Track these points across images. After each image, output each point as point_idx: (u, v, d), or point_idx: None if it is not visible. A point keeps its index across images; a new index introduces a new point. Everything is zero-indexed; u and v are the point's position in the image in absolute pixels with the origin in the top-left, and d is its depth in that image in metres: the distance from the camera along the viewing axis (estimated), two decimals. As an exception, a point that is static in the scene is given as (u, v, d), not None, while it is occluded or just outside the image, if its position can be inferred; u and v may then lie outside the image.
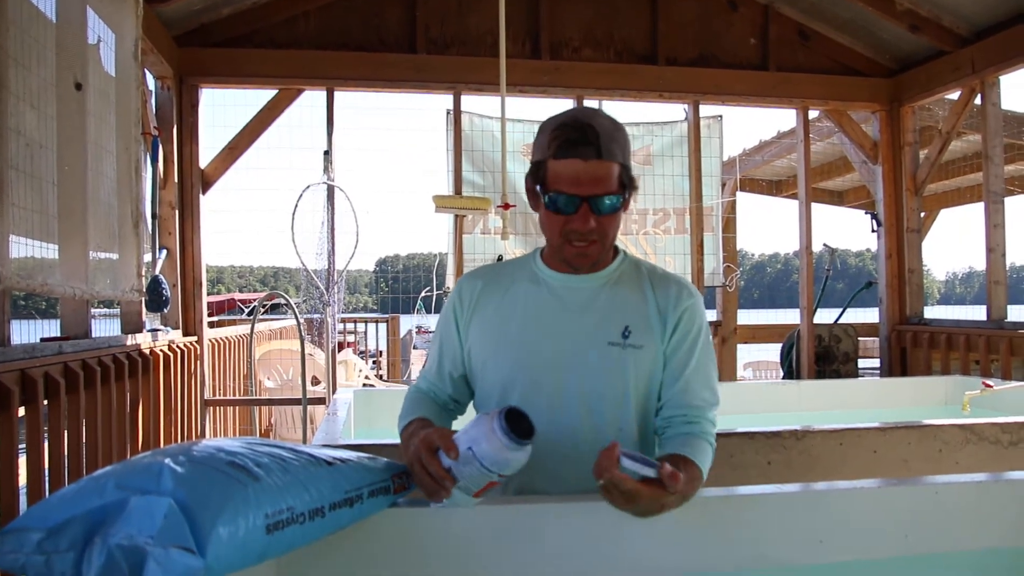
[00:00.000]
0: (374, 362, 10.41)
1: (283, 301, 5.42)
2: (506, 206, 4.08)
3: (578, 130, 1.51)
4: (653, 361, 1.64)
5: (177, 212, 4.79)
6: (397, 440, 1.64)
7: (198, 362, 4.84)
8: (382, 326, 10.87)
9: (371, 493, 1.43)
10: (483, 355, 1.69)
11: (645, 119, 5.91)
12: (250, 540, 1.15)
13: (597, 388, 1.61)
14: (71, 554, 1.13)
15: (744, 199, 16.11)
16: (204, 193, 5.00)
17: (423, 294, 8.66)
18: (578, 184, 1.52)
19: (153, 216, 4.50)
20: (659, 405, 1.67)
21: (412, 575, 1.47)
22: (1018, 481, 1.71)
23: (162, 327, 4.50)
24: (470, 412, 1.75)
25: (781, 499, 1.61)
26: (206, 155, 5.02)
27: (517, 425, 1.36)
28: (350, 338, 10.64)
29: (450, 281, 5.86)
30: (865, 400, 4.61)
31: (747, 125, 8.85)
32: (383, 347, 10.80)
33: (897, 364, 5.86)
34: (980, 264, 5.47)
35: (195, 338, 4.84)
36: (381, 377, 8.95)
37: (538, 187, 1.59)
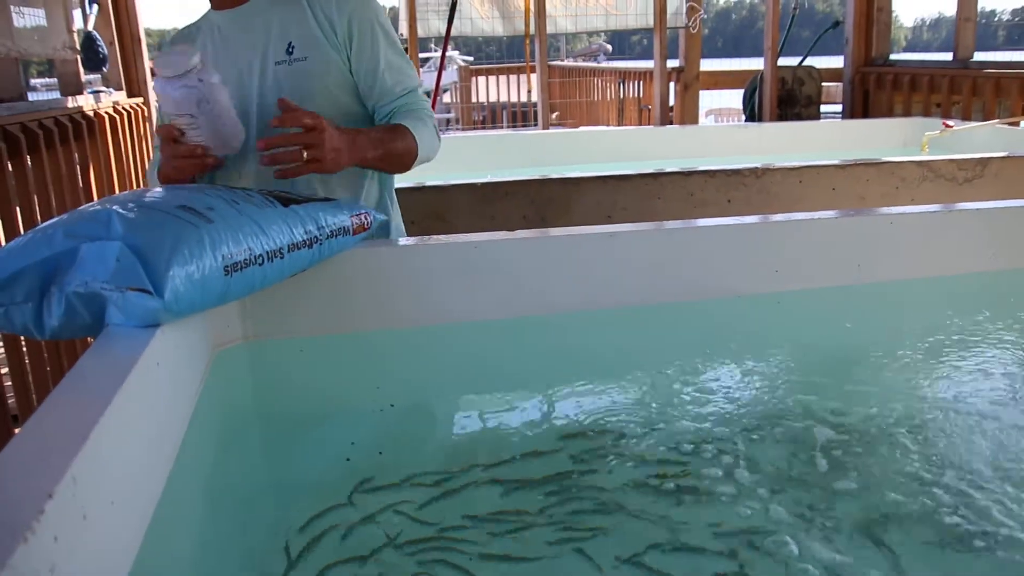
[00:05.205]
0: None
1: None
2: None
3: None
4: (326, 70, 1.66)
5: (103, -39, 4.38)
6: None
7: (146, 123, 4.66)
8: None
9: (331, 234, 1.42)
10: None
11: None
12: (208, 281, 1.14)
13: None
14: (29, 305, 1.12)
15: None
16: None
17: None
18: None
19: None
20: (371, 108, 1.73)
21: (376, 309, 1.50)
22: (968, 211, 1.74)
23: (104, 88, 4.28)
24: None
25: (740, 231, 1.63)
26: None
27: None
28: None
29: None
30: (826, 142, 4.61)
31: None
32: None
33: (860, 107, 5.80)
34: (950, 9, 5.28)
35: (141, 100, 4.64)
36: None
37: None
